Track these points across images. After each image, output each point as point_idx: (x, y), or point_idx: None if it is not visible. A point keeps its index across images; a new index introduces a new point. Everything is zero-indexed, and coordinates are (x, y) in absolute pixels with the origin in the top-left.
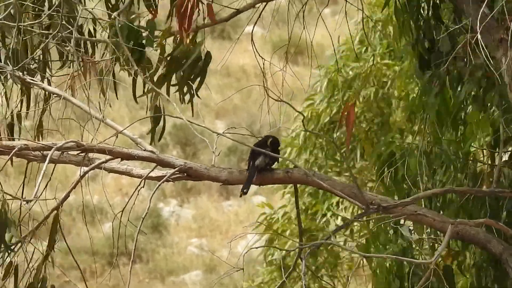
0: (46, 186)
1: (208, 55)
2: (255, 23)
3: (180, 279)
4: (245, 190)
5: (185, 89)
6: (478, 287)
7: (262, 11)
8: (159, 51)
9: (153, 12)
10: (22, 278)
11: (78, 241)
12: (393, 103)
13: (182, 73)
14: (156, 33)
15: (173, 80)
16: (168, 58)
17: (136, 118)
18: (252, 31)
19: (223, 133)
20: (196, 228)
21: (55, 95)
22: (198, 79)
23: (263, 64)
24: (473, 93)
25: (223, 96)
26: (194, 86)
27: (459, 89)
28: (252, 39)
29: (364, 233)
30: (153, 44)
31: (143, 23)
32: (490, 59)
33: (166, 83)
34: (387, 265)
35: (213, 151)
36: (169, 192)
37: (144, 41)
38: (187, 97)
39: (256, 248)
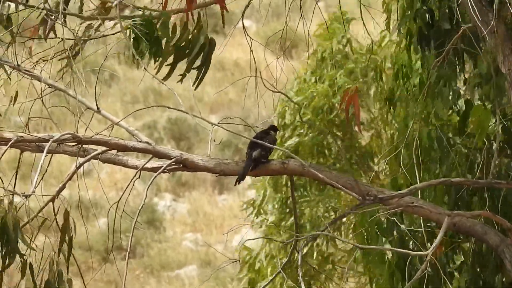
0: (42, 178)
1: (212, 41)
2: (245, 8)
3: (175, 273)
4: (240, 181)
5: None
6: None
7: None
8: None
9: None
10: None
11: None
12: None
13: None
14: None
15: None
16: (173, 46)
17: (129, 112)
18: (244, 12)
19: (218, 123)
20: (191, 222)
21: (51, 86)
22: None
23: (250, 45)
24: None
25: (218, 90)
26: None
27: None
28: (243, 26)
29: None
30: (169, 34)
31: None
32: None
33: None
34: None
35: (212, 140)
36: (163, 187)
37: (159, 33)
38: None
39: (252, 239)
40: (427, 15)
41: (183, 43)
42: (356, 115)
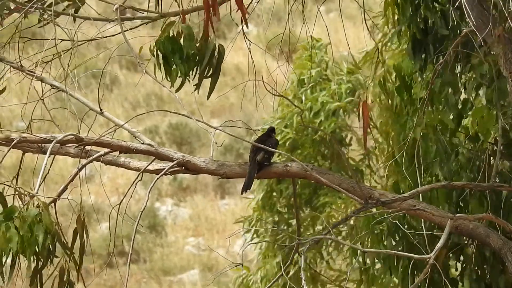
0: (44, 179)
1: (222, 49)
2: (244, 12)
3: (178, 278)
4: (247, 190)
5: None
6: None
7: (250, 5)
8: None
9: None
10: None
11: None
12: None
13: (199, 69)
14: None
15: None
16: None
17: (131, 117)
18: (243, 16)
19: (220, 126)
20: (192, 227)
21: (54, 87)
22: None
23: (249, 48)
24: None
25: (219, 95)
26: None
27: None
28: (243, 31)
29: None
30: (193, 46)
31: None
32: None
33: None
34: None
35: (215, 143)
36: (165, 192)
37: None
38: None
39: (255, 243)
40: (421, 21)
41: (193, 51)
42: (364, 127)
